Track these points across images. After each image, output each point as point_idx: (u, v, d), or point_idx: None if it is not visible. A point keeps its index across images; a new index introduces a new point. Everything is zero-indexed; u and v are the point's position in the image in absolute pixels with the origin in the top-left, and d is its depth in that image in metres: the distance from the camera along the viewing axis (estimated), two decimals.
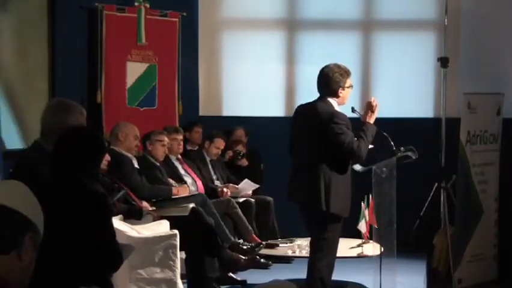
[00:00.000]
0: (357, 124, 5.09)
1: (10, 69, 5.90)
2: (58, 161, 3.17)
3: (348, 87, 4.87)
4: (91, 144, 3.26)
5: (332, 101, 4.85)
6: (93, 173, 3.28)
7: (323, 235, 4.81)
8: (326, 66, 4.89)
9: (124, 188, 5.55)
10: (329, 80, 4.82)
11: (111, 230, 3.11)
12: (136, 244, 4.85)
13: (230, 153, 7.57)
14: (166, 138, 6.45)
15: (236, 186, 7.07)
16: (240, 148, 7.57)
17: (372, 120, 4.92)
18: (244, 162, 7.55)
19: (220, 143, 7.31)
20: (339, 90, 4.83)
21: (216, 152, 7.31)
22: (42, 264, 1.89)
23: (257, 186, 7.18)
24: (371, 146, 4.88)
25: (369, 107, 4.93)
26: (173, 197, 6.07)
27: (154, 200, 6.02)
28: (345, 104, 4.95)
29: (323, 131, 4.72)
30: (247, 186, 7.14)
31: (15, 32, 5.95)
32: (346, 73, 4.87)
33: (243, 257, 6.18)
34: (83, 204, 3.04)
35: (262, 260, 6.71)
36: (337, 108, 4.84)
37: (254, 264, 6.42)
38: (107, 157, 5.45)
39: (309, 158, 4.81)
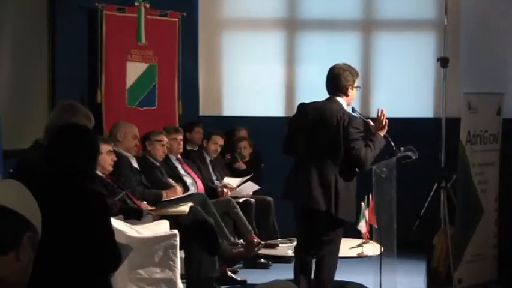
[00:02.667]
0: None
1: (10, 69, 5.89)
2: (53, 160, 3.16)
3: (356, 87, 4.90)
4: (85, 142, 3.23)
5: (342, 100, 4.85)
6: (89, 172, 3.26)
7: (333, 238, 4.83)
8: (336, 65, 4.91)
9: (125, 189, 5.55)
10: (340, 78, 4.83)
11: (110, 230, 3.11)
12: (136, 244, 4.86)
13: (229, 156, 7.56)
14: (165, 138, 6.44)
15: (232, 185, 7.04)
16: (245, 145, 7.53)
17: (382, 133, 4.91)
18: (241, 166, 7.52)
19: (218, 139, 7.28)
20: (349, 89, 4.85)
21: (214, 148, 7.27)
22: (41, 264, 1.89)
23: (258, 187, 7.17)
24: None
25: (379, 120, 4.92)
26: (163, 199, 6.04)
27: None
28: (351, 104, 4.95)
29: (338, 133, 4.71)
30: (247, 188, 7.13)
31: (15, 31, 5.95)
32: (356, 73, 4.92)
33: (241, 246, 6.19)
34: (82, 204, 3.04)
35: (262, 260, 6.72)
36: (346, 109, 4.85)
37: (253, 253, 6.40)
38: (114, 157, 5.45)
39: (319, 160, 4.76)
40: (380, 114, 4.92)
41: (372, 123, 4.97)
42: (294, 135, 4.96)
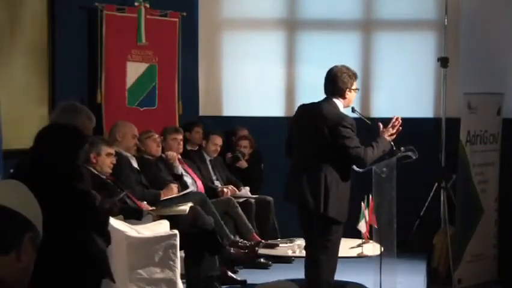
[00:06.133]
0: (358, 124, 5.09)
1: (10, 69, 5.89)
2: (35, 161, 3.15)
3: (354, 90, 4.88)
4: (69, 139, 3.22)
5: (338, 102, 4.84)
6: (76, 170, 3.25)
7: (326, 237, 4.79)
8: (335, 67, 4.89)
9: (125, 189, 5.54)
10: (337, 80, 4.82)
11: (98, 222, 3.12)
12: (136, 244, 4.88)
13: (229, 154, 7.57)
14: (154, 134, 6.45)
15: (236, 189, 7.06)
16: (246, 145, 7.53)
17: (389, 138, 4.89)
18: (243, 164, 7.52)
19: (217, 139, 7.29)
20: (346, 91, 4.84)
21: (214, 148, 7.28)
22: (42, 264, 1.89)
23: (256, 196, 7.19)
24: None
25: (392, 125, 4.91)
26: (161, 199, 6.03)
27: None
28: (349, 106, 4.95)
29: (330, 133, 4.69)
30: (246, 194, 7.17)
31: (15, 32, 5.94)
32: (354, 75, 4.89)
33: (243, 251, 6.19)
34: (63, 204, 3.03)
35: (262, 260, 6.71)
36: (342, 110, 4.84)
37: (254, 256, 6.40)
38: (113, 160, 5.45)
39: (311, 159, 4.76)
40: (395, 121, 4.91)
41: (381, 125, 4.95)
42: (292, 136, 4.99)
